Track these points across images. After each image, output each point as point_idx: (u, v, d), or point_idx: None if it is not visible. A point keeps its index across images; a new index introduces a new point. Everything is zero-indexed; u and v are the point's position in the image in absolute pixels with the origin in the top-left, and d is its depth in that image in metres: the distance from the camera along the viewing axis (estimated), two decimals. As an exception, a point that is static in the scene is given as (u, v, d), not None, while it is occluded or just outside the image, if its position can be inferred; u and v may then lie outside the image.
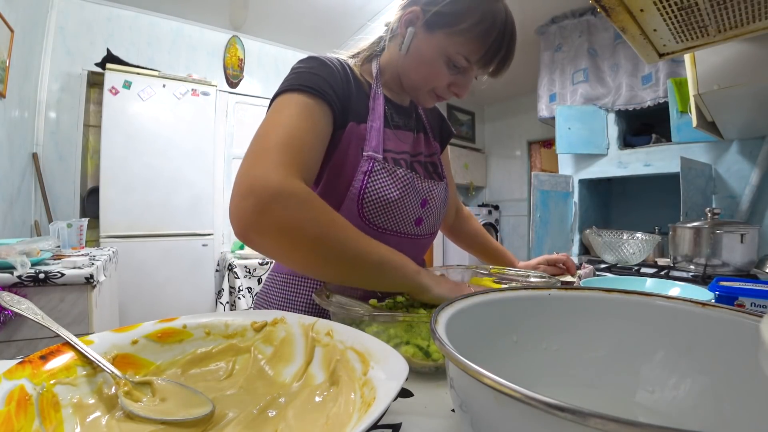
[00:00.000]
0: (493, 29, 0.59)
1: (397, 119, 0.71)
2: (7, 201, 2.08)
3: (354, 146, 0.62)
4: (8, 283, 1.19)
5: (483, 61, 0.61)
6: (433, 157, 0.77)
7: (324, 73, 0.59)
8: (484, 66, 0.63)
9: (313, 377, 0.37)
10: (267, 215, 0.45)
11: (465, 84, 0.65)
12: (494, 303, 0.35)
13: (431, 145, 0.77)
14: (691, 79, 1.10)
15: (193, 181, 2.79)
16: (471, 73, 0.64)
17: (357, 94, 0.64)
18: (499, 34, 0.60)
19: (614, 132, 2.42)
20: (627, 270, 1.52)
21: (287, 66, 3.67)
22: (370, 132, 0.63)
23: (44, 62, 2.62)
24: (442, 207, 0.75)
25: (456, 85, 0.65)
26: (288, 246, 0.47)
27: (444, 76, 0.63)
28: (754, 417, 0.26)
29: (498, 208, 4.49)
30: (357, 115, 0.63)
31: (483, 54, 0.60)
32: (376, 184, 0.61)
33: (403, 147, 0.69)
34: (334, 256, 0.47)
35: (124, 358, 0.36)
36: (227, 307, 2.76)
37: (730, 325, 0.29)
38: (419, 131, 0.76)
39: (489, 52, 0.60)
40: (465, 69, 0.63)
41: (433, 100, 0.68)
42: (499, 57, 0.62)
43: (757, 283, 0.65)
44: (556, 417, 0.16)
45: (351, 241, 0.48)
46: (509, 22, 0.61)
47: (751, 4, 0.74)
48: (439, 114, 0.86)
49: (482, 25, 0.58)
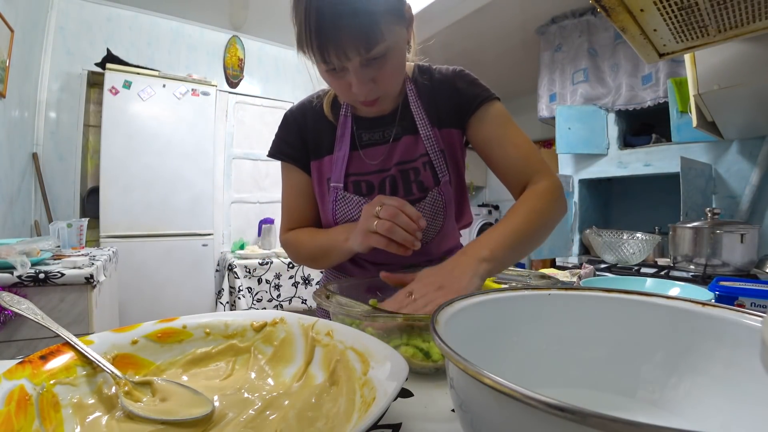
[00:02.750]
0: (305, 23, 0.51)
1: (367, 137, 0.71)
2: (7, 201, 2.08)
3: (320, 178, 0.73)
4: (8, 283, 1.19)
5: (319, 54, 0.53)
6: (419, 161, 0.69)
7: (284, 131, 0.75)
8: (325, 56, 0.53)
9: (313, 377, 0.37)
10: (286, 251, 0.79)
11: (354, 80, 0.57)
12: (494, 303, 0.35)
13: (422, 145, 0.69)
14: (691, 79, 1.10)
15: (193, 181, 2.79)
16: (343, 69, 0.56)
17: (320, 132, 0.72)
18: (311, 22, 0.51)
19: (614, 132, 2.42)
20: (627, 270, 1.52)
21: (287, 66, 3.68)
22: (335, 163, 0.70)
23: (44, 62, 2.63)
24: (428, 219, 0.69)
25: (352, 85, 0.57)
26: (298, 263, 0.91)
27: (339, 86, 0.59)
28: (754, 417, 0.26)
29: (498, 208, 4.48)
30: (316, 151, 0.73)
31: (312, 48, 0.53)
32: (342, 209, 0.71)
33: (370, 167, 0.70)
34: (310, 258, 0.75)
35: (124, 358, 0.36)
36: (227, 307, 2.76)
37: (730, 325, 0.29)
38: (408, 134, 0.70)
39: (315, 46, 0.52)
40: (333, 70, 0.56)
41: (363, 107, 0.64)
42: (321, 40, 0.52)
43: (757, 283, 0.65)
44: (556, 417, 0.16)
45: (310, 246, 0.73)
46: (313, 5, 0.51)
47: (751, 4, 0.74)
48: (452, 90, 0.71)
49: (297, 26, 0.53)
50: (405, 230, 0.55)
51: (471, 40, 3.06)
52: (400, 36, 0.58)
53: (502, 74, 3.71)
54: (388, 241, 0.56)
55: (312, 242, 0.73)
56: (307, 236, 0.74)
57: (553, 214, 0.64)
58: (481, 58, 3.39)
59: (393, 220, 0.55)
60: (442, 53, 3.22)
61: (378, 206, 0.57)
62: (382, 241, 0.56)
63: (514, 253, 0.57)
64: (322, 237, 0.71)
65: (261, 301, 2.80)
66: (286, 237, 0.78)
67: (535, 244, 0.62)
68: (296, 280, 2.93)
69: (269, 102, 3.52)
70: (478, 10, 2.59)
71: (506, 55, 3.34)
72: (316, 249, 0.72)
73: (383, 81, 0.59)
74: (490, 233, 0.58)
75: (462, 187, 0.75)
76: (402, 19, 0.58)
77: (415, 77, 0.72)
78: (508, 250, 0.55)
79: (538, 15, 2.72)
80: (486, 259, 0.53)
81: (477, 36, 3.00)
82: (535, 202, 0.62)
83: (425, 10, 2.60)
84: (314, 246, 0.72)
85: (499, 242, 0.55)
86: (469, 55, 3.30)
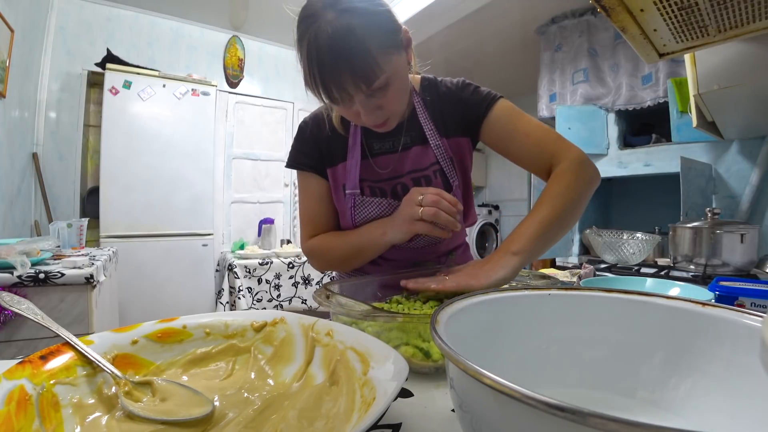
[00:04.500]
0: (309, 69, 0.55)
1: (378, 146, 0.74)
2: (7, 201, 2.08)
3: (335, 185, 0.76)
4: (8, 283, 1.19)
5: (328, 97, 0.57)
6: (430, 169, 0.73)
7: (300, 142, 0.77)
8: (330, 95, 0.57)
9: (313, 377, 0.37)
10: (309, 261, 0.81)
11: (358, 112, 0.60)
12: (494, 303, 0.35)
13: (432, 155, 0.73)
14: (691, 79, 1.10)
15: (193, 181, 2.79)
16: (348, 102, 0.59)
17: (332, 142, 0.74)
18: (313, 68, 0.54)
19: (614, 132, 2.42)
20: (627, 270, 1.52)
21: (287, 66, 3.69)
22: (348, 171, 0.73)
23: (44, 62, 2.63)
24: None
25: (361, 114, 0.61)
26: (325, 270, 0.88)
27: (349, 114, 0.63)
28: (754, 417, 0.26)
29: (498, 208, 4.48)
30: (330, 160, 0.75)
31: (321, 93, 0.57)
32: (361, 213, 0.73)
33: (382, 174, 0.74)
34: (341, 260, 0.76)
35: (124, 358, 0.36)
36: (227, 307, 2.76)
37: (730, 325, 0.29)
38: (418, 144, 0.73)
39: (321, 89, 0.56)
40: (340, 102, 0.59)
41: (374, 128, 0.66)
42: (331, 85, 0.55)
43: (757, 283, 0.65)
44: (556, 417, 0.16)
45: (341, 247, 0.74)
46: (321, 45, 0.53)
47: (751, 4, 0.74)
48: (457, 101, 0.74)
49: (304, 71, 0.57)
50: (447, 214, 0.60)
51: (471, 40, 3.06)
52: (399, 63, 0.60)
53: (502, 74, 3.71)
54: (433, 226, 0.61)
55: (343, 243, 0.74)
56: (335, 239, 0.75)
57: (579, 191, 0.65)
58: (481, 58, 3.39)
59: (437, 206, 0.60)
60: (442, 53, 3.22)
61: (419, 195, 0.62)
62: (428, 226, 0.61)
63: (543, 241, 0.60)
64: (353, 237, 0.72)
65: (261, 301, 2.80)
66: (311, 244, 0.78)
67: (566, 226, 0.65)
68: (296, 280, 2.93)
69: (269, 102, 3.52)
70: (478, 10, 2.59)
71: (506, 55, 3.33)
72: (349, 249, 0.73)
73: (388, 105, 0.62)
74: (519, 228, 0.61)
75: (469, 189, 0.80)
76: (399, 47, 0.60)
77: (421, 90, 0.76)
78: (537, 241, 0.59)
79: (538, 15, 2.72)
80: (516, 252, 0.57)
81: (477, 36, 3.00)
82: (556, 187, 0.64)
83: (425, 10, 2.59)
84: (346, 246, 0.73)
85: (526, 235, 0.58)
86: (468, 55, 3.30)
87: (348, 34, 0.52)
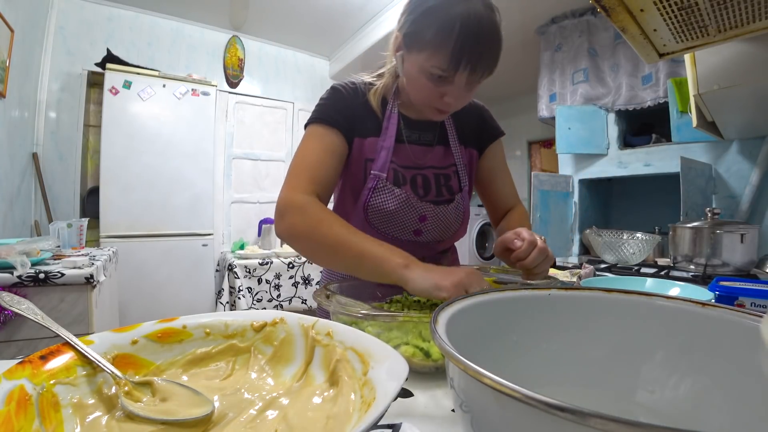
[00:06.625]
0: (451, 35, 0.57)
1: (412, 134, 0.77)
2: (7, 201, 2.08)
3: (359, 158, 0.73)
4: (8, 283, 1.19)
5: (453, 66, 0.60)
6: (450, 169, 0.79)
7: (333, 100, 0.73)
8: (459, 71, 0.60)
9: (313, 377, 0.37)
10: (280, 223, 0.64)
11: (455, 93, 0.64)
12: (494, 303, 0.35)
13: (452, 156, 0.79)
14: (691, 79, 1.10)
15: (193, 181, 2.79)
16: (456, 81, 0.62)
17: (365, 114, 0.74)
18: (460, 36, 0.57)
19: (614, 132, 2.42)
20: (627, 270, 1.52)
21: (287, 66, 3.68)
22: (379, 152, 0.73)
23: (44, 62, 2.62)
24: (451, 221, 0.78)
25: (448, 95, 0.64)
26: (293, 243, 0.64)
27: (431, 90, 0.64)
28: (754, 417, 0.26)
29: (498, 208, 4.48)
30: (362, 131, 0.74)
31: (450, 60, 0.59)
32: (378, 198, 0.72)
33: (409, 161, 0.76)
34: (319, 246, 0.62)
35: (124, 358, 0.35)
36: (227, 307, 2.76)
37: (730, 325, 0.29)
38: (440, 144, 0.79)
39: (455, 57, 0.59)
40: (447, 79, 0.62)
41: (436, 114, 0.69)
42: (467, 58, 0.59)
43: (757, 283, 0.65)
44: (556, 417, 0.16)
45: (334, 234, 0.60)
46: (473, 23, 0.57)
47: (751, 4, 0.74)
48: (478, 118, 0.84)
49: (441, 34, 0.58)
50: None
51: (471, 40, 3.06)
52: None
53: (502, 74, 3.67)
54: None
55: (347, 237, 0.59)
56: (341, 225, 0.61)
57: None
58: (481, 58, 3.39)
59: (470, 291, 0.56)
60: (442, 53, 3.21)
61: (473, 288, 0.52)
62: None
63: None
64: (366, 243, 0.58)
65: (261, 301, 2.80)
66: (306, 200, 0.63)
67: None
68: (296, 280, 2.93)
69: (269, 102, 3.52)
70: (478, 10, 2.59)
71: (506, 55, 3.25)
72: (352, 249, 0.58)
73: (464, 101, 0.68)
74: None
75: (470, 194, 0.86)
76: None
77: None
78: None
79: (538, 15, 2.72)
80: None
81: (477, 36, 3.00)
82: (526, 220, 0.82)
83: (425, 10, 2.59)
84: (348, 242, 0.58)
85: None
86: (469, 55, 3.30)
87: (497, 26, 0.60)
